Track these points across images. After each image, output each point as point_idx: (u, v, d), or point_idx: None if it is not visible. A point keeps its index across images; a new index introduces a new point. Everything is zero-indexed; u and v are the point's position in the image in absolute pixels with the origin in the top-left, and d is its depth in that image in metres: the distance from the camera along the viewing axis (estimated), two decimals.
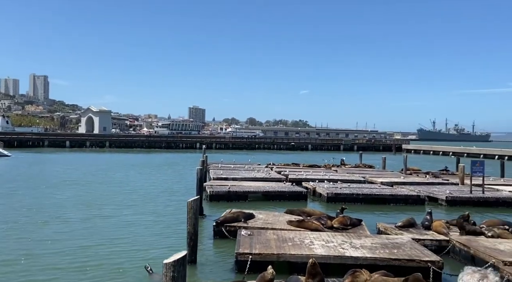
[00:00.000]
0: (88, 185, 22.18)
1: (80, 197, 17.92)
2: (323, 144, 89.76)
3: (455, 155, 53.59)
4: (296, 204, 15.93)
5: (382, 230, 11.44)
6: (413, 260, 8.06)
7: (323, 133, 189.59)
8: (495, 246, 9.17)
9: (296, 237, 9.57)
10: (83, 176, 26.75)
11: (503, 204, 17.14)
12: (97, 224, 12.74)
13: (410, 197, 17.71)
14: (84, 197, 17.79)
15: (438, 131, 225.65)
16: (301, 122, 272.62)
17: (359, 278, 6.30)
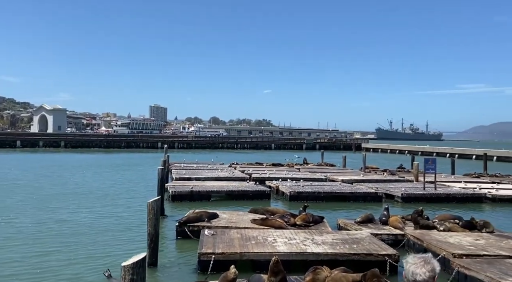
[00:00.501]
0: (42, 187, 21.16)
1: (32, 200, 17.03)
2: (286, 143, 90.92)
3: (410, 153, 56.07)
4: (259, 203, 16.05)
5: (342, 226, 11.79)
6: (371, 254, 8.38)
7: (286, 132, 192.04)
8: (446, 239, 9.71)
9: (260, 235, 9.66)
10: (35, 177, 25.47)
11: (453, 199, 18.12)
12: (52, 228, 12.11)
13: (368, 194, 18.35)
14: (37, 200, 16.90)
15: (395, 130, 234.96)
16: (264, 121, 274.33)
17: (319, 275, 6.46)
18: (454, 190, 19.40)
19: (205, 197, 17.30)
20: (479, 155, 47.99)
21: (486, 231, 10.81)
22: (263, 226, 10.93)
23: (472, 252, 8.63)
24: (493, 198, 18.26)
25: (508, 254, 8.57)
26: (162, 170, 14.94)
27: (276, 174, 24.32)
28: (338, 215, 14.37)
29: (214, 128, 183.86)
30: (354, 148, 77.36)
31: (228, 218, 12.01)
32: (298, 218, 11.70)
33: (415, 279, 2.37)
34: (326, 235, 9.92)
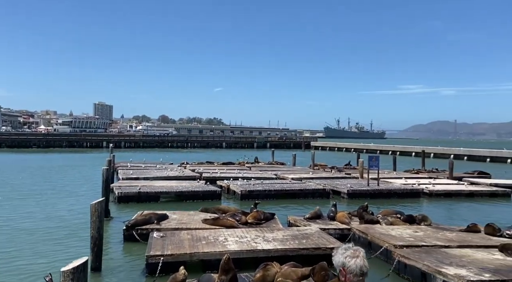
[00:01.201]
0: None
1: None
2: (237, 141, 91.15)
3: (356, 151, 58.62)
4: (210, 203, 15.90)
5: (292, 222, 12.04)
6: (320, 248, 8.64)
7: (237, 131, 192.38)
8: (388, 232, 10.25)
9: (211, 235, 9.58)
10: None
11: (394, 195, 19.15)
12: None
13: (317, 191, 18.88)
14: None
15: (342, 129, 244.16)
16: (215, 120, 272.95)
17: (270, 271, 6.55)
18: (395, 186, 20.51)
19: (154, 198, 16.84)
20: (418, 152, 51.17)
21: (424, 224, 11.56)
22: (214, 225, 10.85)
23: (411, 243, 9.18)
24: (430, 193, 19.54)
25: (443, 244, 9.21)
26: (107, 170, 14.32)
27: (227, 173, 24.27)
28: (289, 212, 14.65)
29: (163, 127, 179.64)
30: (304, 146, 79.26)
31: (178, 218, 11.79)
32: (250, 216, 11.75)
33: (363, 272, 2.48)
34: (276, 232, 10.06)
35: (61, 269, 3.97)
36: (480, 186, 21.65)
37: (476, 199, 19.23)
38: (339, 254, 2.57)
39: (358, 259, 2.50)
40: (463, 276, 6.86)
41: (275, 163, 35.75)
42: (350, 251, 2.55)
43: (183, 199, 17.20)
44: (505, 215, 15.54)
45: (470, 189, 20.39)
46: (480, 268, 7.36)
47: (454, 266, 7.42)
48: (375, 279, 8.06)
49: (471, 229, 10.69)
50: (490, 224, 10.66)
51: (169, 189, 17.95)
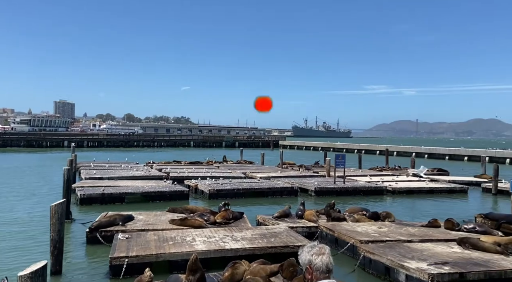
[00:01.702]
0: None
1: None
2: (206, 140, 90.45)
3: (323, 149, 59.62)
4: (178, 203, 15.63)
5: (261, 221, 12.08)
6: (288, 246, 8.71)
7: (205, 130, 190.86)
8: (354, 228, 10.50)
9: (178, 235, 9.44)
10: None
11: (359, 192, 19.66)
12: None
13: (285, 189, 19.05)
14: None
15: (310, 128, 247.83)
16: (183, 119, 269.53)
17: (238, 269, 6.53)
18: (360, 183, 21.05)
19: (119, 199, 16.37)
20: (382, 150, 52.73)
21: (388, 220, 11.94)
22: (182, 226, 10.69)
23: (376, 238, 9.44)
24: (393, 190, 20.20)
25: (406, 238, 9.53)
26: (68, 170, 13.77)
27: (195, 173, 24.02)
28: (258, 210, 14.68)
29: (128, 125, 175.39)
30: (272, 145, 79.77)
31: (144, 219, 11.53)
32: (218, 215, 11.68)
33: (329, 269, 2.50)
34: (245, 231, 10.06)
35: (18, 274, 3.78)
36: (440, 183, 22.60)
37: (436, 195, 20.06)
38: (305, 252, 2.58)
39: (324, 256, 2.53)
40: (424, 270, 7.12)
41: (244, 161, 35.77)
42: (316, 248, 2.57)
43: (150, 199, 16.85)
44: (463, 210, 16.31)
45: (430, 186, 21.25)
46: (440, 261, 7.67)
47: (416, 260, 7.69)
48: (341, 274, 8.23)
49: (432, 224, 11.14)
50: (449, 219, 11.15)
51: (134, 189, 17.53)
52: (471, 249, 8.59)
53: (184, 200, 17.26)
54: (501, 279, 7.27)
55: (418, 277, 7.10)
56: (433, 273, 6.98)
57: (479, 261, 7.75)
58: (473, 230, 10.39)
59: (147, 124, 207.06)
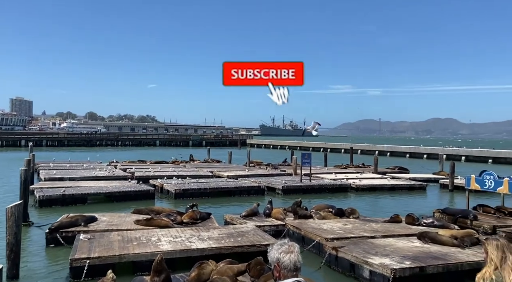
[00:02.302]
0: None
1: None
2: (172, 139, 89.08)
3: (290, 148, 60.25)
4: (143, 203, 15.30)
5: (229, 220, 12.03)
6: (255, 245, 8.72)
7: (171, 129, 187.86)
8: (320, 226, 10.67)
9: (143, 236, 9.23)
10: None
11: (325, 190, 20.06)
12: None
13: (252, 188, 19.10)
14: None
15: (277, 127, 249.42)
16: (148, 117, 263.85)
17: (205, 269, 6.46)
18: (326, 181, 21.47)
19: (80, 200, 15.80)
20: (347, 148, 54.04)
21: (353, 216, 12.23)
22: (148, 226, 10.47)
23: (341, 235, 9.65)
24: (357, 187, 20.74)
25: (370, 235, 9.81)
26: (25, 171, 13.11)
27: (161, 172, 23.60)
28: (225, 210, 14.62)
29: (91, 124, 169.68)
30: (240, 144, 79.75)
31: (108, 221, 11.19)
32: (185, 215, 11.54)
33: (297, 267, 2.51)
34: (212, 230, 9.98)
35: None
36: (400, 180, 23.44)
37: (397, 192, 20.79)
38: (274, 250, 2.58)
39: (293, 255, 2.53)
40: (387, 265, 7.35)
41: (211, 160, 35.53)
42: (285, 246, 2.57)
43: (114, 199, 16.38)
44: (422, 205, 16.98)
45: (391, 183, 22.00)
46: (402, 256, 7.95)
47: (379, 256, 7.92)
48: (308, 272, 8.33)
49: (393, 220, 11.53)
50: (409, 214, 11.59)
51: (97, 189, 16.98)
52: (430, 243, 8.96)
53: (150, 199, 16.91)
54: (458, 271, 7.63)
55: (381, 272, 7.32)
56: (395, 268, 7.21)
57: (437, 255, 8.09)
58: (432, 224, 10.84)
59: (111, 123, 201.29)
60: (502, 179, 12.25)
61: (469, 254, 8.24)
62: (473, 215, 11.73)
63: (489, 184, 12.62)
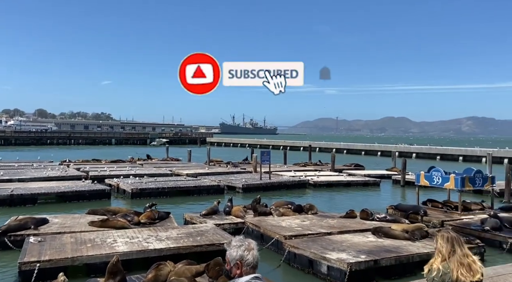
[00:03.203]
0: None
1: None
2: (129, 137, 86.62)
3: (250, 146, 60.51)
4: (98, 204, 14.76)
5: (188, 220, 11.89)
6: (214, 244, 8.67)
7: (128, 127, 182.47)
8: (279, 223, 10.80)
9: (98, 237, 8.91)
10: None
11: (284, 186, 20.37)
12: None
13: (212, 187, 18.99)
14: None
15: (237, 125, 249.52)
16: (103, 115, 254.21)
17: (162, 270, 6.34)
18: (285, 178, 21.79)
19: (30, 201, 14.98)
20: (306, 146, 55.07)
21: (311, 212, 12.49)
22: (103, 227, 10.11)
23: (299, 232, 9.81)
24: (314, 184, 21.23)
25: (327, 231, 10.05)
26: None
27: (117, 171, 22.86)
28: (185, 209, 14.42)
29: (40, 122, 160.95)
30: (199, 142, 78.99)
31: (61, 222, 10.68)
32: (143, 215, 11.26)
33: (255, 263, 2.54)
34: (171, 230, 9.82)
35: None
36: (356, 176, 24.25)
37: (353, 188, 21.51)
38: (236, 247, 2.58)
39: (254, 251, 2.57)
40: (344, 260, 7.58)
41: (170, 159, 34.92)
42: (246, 244, 2.59)
43: (66, 200, 15.69)
44: (376, 201, 17.69)
45: (348, 180, 22.72)
46: (357, 250, 8.23)
47: (336, 251, 8.15)
48: (267, 270, 8.41)
49: (349, 215, 11.90)
50: (364, 210, 12.01)
51: (49, 189, 16.17)
52: (384, 237, 9.34)
53: (105, 199, 16.38)
54: (409, 263, 8.03)
55: (338, 267, 7.54)
56: (352, 262, 7.46)
57: (390, 248, 8.46)
58: (384, 219, 11.32)
59: (63, 120, 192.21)
60: (449, 175, 13.01)
61: (419, 246, 8.69)
62: (424, 211, 12.37)
63: (437, 180, 13.36)
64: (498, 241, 10.11)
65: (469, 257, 3.25)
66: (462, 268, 3.16)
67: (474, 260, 3.28)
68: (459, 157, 45.23)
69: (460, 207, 12.68)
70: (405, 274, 7.79)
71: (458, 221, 11.68)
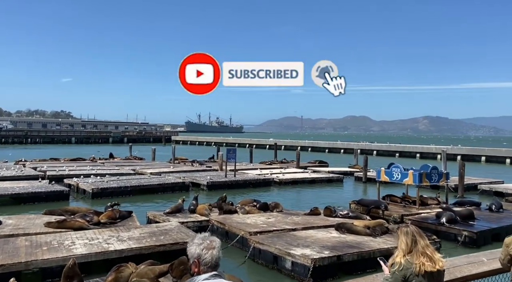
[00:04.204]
0: None
1: None
2: (90, 136, 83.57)
3: (216, 144, 60.12)
4: (56, 205, 14.07)
5: (152, 218, 11.64)
6: (178, 242, 8.52)
7: (89, 125, 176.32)
8: (244, 220, 10.79)
9: (55, 239, 8.51)
10: None
11: (249, 184, 20.40)
12: None
13: (176, 184, 18.69)
14: None
15: (203, 123, 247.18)
16: (63, 113, 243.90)
17: (123, 272, 6.13)
18: (250, 176, 21.82)
19: None
20: (271, 144, 55.29)
21: (277, 210, 12.56)
22: (60, 228, 9.68)
23: (264, 229, 9.85)
24: (280, 181, 21.40)
25: (291, 227, 10.15)
26: None
27: (77, 171, 22.01)
28: (149, 208, 14.08)
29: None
30: (164, 141, 77.52)
31: (15, 224, 10.12)
32: (103, 215, 10.89)
33: (214, 261, 2.47)
34: (133, 230, 9.56)
35: None
36: (320, 173, 24.70)
37: (317, 184, 21.89)
38: (195, 245, 2.50)
39: (214, 251, 2.49)
40: (308, 255, 7.68)
41: (133, 158, 34.04)
42: (206, 242, 2.51)
43: (21, 201, 14.92)
44: (339, 196, 18.10)
45: (312, 176, 23.08)
46: (321, 246, 8.36)
47: (301, 247, 8.24)
48: (232, 267, 8.37)
49: (313, 212, 12.08)
50: (327, 207, 12.24)
51: (2, 190, 15.30)
52: (347, 233, 9.55)
53: (64, 201, 15.71)
54: (370, 258, 8.23)
55: (303, 262, 7.62)
56: (315, 258, 7.56)
57: (353, 244, 8.66)
58: (347, 215, 11.59)
59: (19, 118, 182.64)
60: (408, 171, 13.52)
61: (380, 242, 8.94)
62: (384, 206, 12.77)
63: (396, 176, 13.85)
64: (453, 234, 10.63)
65: (430, 248, 3.36)
66: (424, 258, 3.26)
67: (434, 251, 3.39)
68: (416, 154, 47.07)
69: (418, 202, 13.21)
70: (367, 269, 7.99)
71: (416, 216, 12.15)
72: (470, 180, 20.29)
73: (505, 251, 3.88)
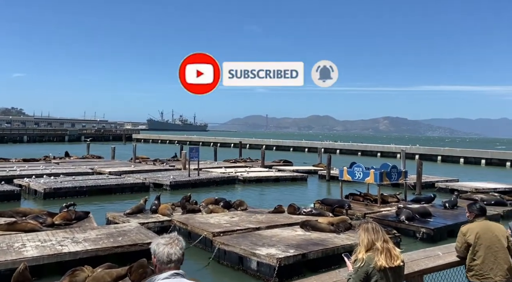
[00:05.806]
0: None
1: None
2: (44, 134, 79.52)
3: (180, 143, 59.05)
4: (5, 206, 13.18)
5: (111, 219, 11.15)
6: (136, 244, 8.16)
7: (43, 123, 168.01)
8: (207, 220, 10.54)
9: (4, 242, 7.93)
10: None
11: (213, 183, 20.16)
12: None
13: (135, 185, 18.10)
14: None
15: (166, 121, 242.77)
16: (14, 110, 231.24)
17: (78, 276, 5.75)
18: (214, 174, 21.55)
19: None
20: (236, 143, 55.19)
21: (241, 209, 12.40)
22: (10, 231, 9.03)
23: (228, 228, 9.65)
24: (244, 179, 21.29)
25: (255, 226, 10.02)
26: None
27: (29, 171, 20.77)
28: (108, 209, 13.48)
29: None
30: (125, 139, 75.28)
31: None
32: (57, 216, 10.30)
33: (171, 259, 2.33)
34: (90, 231, 9.07)
35: None
36: (285, 172, 24.81)
37: (282, 183, 21.96)
38: (154, 242, 2.36)
39: (168, 246, 2.34)
40: (273, 255, 7.57)
41: (91, 156, 32.69)
42: (165, 239, 2.38)
43: None
44: (303, 195, 18.22)
45: (276, 175, 23.14)
46: (286, 245, 8.29)
47: (266, 247, 8.13)
48: (196, 268, 8.12)
49: (277, 210, 12.04)
50: (291, 204, 12.23)
51: None
52: (311, 230, 9.55)
53: (14, 201, 14.78)
54: (334, 255, 8.26)
55: (268, 262, 7.51)
56: (281, 257, 7.47)
57: (317, 241, 8.66)
58: (310, 213, 11.65)
59: None
60: (369, 171, 13.80)
61: (343, 238, 9.01)
62: (348, 205, 12.96)
63: (358, 175, 14.13)
64: (412, 231, 10.95)
65: (389, 243, 3.36)
66: (383, 254, 3.27)
67: (394, 247, 3.40)
68: (377, 153, 48.56)
69: (379, 200, 13.51)
70: (331, 266, 8.00)
71: (378, 213, 12.41)
72: (427, 178, 21.09)
73: (462, 239, 4.16)
